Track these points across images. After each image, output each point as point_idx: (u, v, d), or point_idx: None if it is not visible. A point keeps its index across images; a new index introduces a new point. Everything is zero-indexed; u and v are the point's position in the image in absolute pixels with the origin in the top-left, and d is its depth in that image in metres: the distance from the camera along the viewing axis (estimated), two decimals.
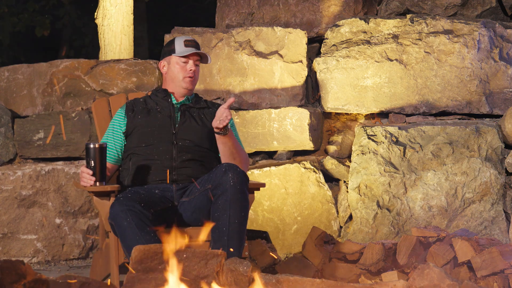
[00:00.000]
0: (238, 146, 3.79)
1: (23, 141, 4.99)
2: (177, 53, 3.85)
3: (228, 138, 3.71)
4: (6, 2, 9.55)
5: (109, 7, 6.07)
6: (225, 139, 3.71)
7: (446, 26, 5.00)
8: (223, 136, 3.70)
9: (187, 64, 3.86)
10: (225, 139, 3.71)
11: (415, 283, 2.71)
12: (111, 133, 3.86)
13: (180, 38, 3.90)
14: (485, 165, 4.72)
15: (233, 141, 3.75)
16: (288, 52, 5.02)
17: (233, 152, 3.75)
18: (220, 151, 3.77)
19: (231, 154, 3.74)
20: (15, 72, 5.14)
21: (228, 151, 3.74)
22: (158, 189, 3.69)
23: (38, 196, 4.83)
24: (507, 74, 4.97)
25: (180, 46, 3.86)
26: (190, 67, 3.85)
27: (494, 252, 3.59)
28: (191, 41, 3.89)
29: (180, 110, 3.86)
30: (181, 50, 3.85)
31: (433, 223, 4.69)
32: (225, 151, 3.75)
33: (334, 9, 5.35)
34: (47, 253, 4.82)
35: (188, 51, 3.84)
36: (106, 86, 5.08)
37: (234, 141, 3.75)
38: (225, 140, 3.71)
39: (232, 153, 3.75)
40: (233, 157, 3.74)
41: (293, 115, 4.93)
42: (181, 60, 3.85)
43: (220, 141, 3.73)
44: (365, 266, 4.00)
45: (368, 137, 4.80)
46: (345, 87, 5.02)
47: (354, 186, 4.79)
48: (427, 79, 4.98)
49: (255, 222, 4.84)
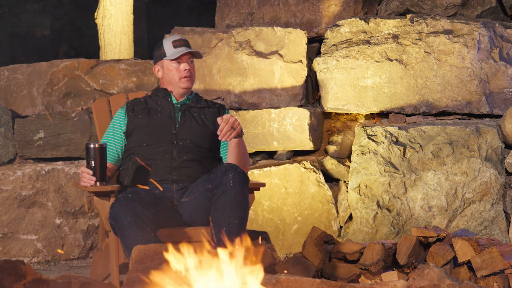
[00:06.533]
0: (246, 148, 3.79)
1: (23, 141, 4.99)
2: (168, 57, 3.82)
3: (242, 140, 3.71)
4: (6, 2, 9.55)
5: (109, 7, 6.07)
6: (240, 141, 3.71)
7: (446, 26, 5.00)
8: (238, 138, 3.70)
9: (181, 65, 3.83)
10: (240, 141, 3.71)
11: (415, 283, 2.70)
12: (112, 133, 3.86)
13: (168, 40, 3.86)
14: (485, 165, 4.72)
15: (244, 144, 3.76)
16: (288, 52, 5.02)
17: (241, 154, 3.73)
18: (231, 152, 3.75)
19: (238, 155, 3.72)
20: (15, 72, 5.14)
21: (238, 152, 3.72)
22: (158, 189, 3.69)
23: (38, 196, 4.83)
24: (507, 74, 4.97)
25: (169, 49, 3.83)
26: (184, 67, 3.83)
27: (494, 252, 3.59)
28: (179, 40, 3.85)
29: (180, 110, 3.85)
30: (171, 52, 3.82)
31: (433, 223, 4.69)
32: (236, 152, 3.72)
33: (334, 9, 5.35)
34: (47, 253, 4.82)
35: (178, 52, 3.81)
36: (106, 86, 5.08)
37: (244, 144, 3.76)
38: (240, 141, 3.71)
39: (240, 155, 3.73)
40: (239, 159, 3.72)
41: (293, 115, 4.93)
42: (173, 62, 3.83)
43: (234, 143, 3.71)
44: (365, 266, 4.00)
45: (368, 137, 4.80)
46: (345, 87, 5.02)
47: (354, 186, 4.79)
48: (427, 79, 4.98)
49: (255, 222, 4.84)
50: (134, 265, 2.59)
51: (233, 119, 3.58)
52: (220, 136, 3.57)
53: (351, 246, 4.12)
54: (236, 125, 3.58)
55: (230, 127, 3.57)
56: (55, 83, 5.09)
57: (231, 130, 3.57)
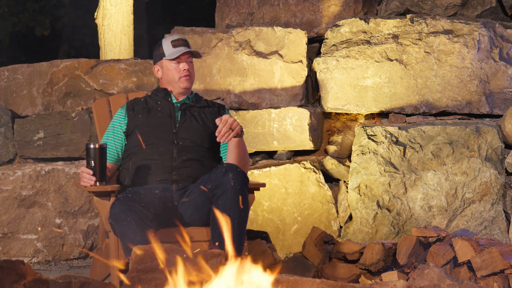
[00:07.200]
0: (246, 148, 3.78)
1: (23, 141, 4.99)
2: (167, 56, 3.83)
3: (242, 140, 3.70)
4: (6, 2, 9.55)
5: (109, 7, 6.07)
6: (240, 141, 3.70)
7: (446, 26, 5.00)
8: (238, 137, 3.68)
9: (180, 64, 3.84)
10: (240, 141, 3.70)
11: (415, 283, 2.70)
12: (112, 132, 3.86)
13: (167, 40, 3.88)
14: (485, 165, 4.72)
15: (244, 144, 3.75)
16: (288, 52, 5.02)
17: (241, 154, 3.73)
18: (230, 151, 3.74)
19: (238, 155, 3.71)
20: (15, 72, 5.14)
21: (238, 152, 3.71)
22: (158, 189, 3.69)
23: (38, 196, 4.83)
24: (507, 74, 4.97)
25: (168, 48, 3.84)
26: (184, 66, 3.84)
27: (494, 252, 3.59)
28: (178, 40, 3.86)
29: (180, 110, 3.85)
30: (170, 52, 3.83)
31: (433, 223, 4.69)
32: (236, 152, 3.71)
33: (334, 9, 5.35)
34: (47, 253, 4.82)
35: (177, 52, 3.82)
36: (106, 86, 5.08)
37: (244, 144, 3.75)
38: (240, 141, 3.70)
39: (240, 155, 3.72)
40: (239, 159, 3.72)
41: (293, 115, 4.93)
42: (172, 62, 3.84)
43: (234, 143, 3.70)
44: (365, 266, 4.00)
45: (368, 137, 4.80)
46: (345, 87, 5.02)
47: (354, 186, 4.79)
48: (427, 79, 4.98)
49: (255, 222, 4.84)
50: (134, 265, 2.59)
51: (231, 119, 3.57)
52: (218, 137, 3.56)
53: (351, 246, 4.12)
54: (235, 125, 3.58)
55: (228, 128, 3.56)
56: (55, 83, 5.09)
57: (229, 131, 3.57)
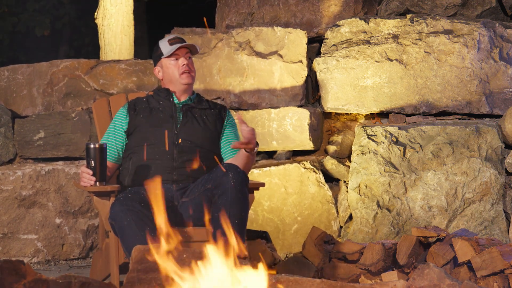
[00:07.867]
0: (252, 163, 3.80)
1: (23, 141, 4.99)
2: (165, 54, 3.86)
3: (254, 155, 3.72)
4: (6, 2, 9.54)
5: (109, 7, 6.06)
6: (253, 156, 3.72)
7: (446, 26, 5.00)
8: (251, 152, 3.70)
9: (179, 60, 3.86)
10: (253, 156, 3.71)
11: (415, 283, 2.71)
12: (113, 131, 3.86)
13: (164, 40, 3.92)
14: (485, 165, 4.72)
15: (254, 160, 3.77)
16: (288, 52, 5.02)
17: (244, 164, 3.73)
18: (237, 159, 3.75)
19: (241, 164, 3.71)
20: (15, 72, 5.14)
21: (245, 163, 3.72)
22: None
23: (38, 196, 4.83)
24: (507, 74, 4.97)
25: (165, 47, 3.88)
26: (182, 61, 3.86)
27: (494, 252, 3.59)
28: (174, 38, 3.90)
29: (182, 110, 3.85)
30: (167, 50, 3.86)
31: (433, 223, 4.69)
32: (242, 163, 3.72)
33: (334, 9, 5.35)
34: (47, 253, 4.82)
35: (174, 47, 3.86)
36: (106, 86, 5.08)
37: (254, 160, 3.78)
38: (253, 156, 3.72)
39: (243, 164, 3.72)
40: (242, 167, 3.71)
41: (293, 115, 4.93)
42: (171, 59, 3.86)
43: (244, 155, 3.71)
44: (365, 266, 4.00)
45: (368, 137, 4.80)
46: (345, 87, 5.02)
47: (354, 186, 4.79)
48: (427, 79, 4.98)
49: (255, 222, 4.84)
50: (134, 265, 2.59)
51: (254, 136, 3.62)
52: (235, 144, 3.62)
53: (351, 246, 4.12)
54: (254, 142, 3.62)
55: (247, 141, 3.59)
56: (55, 83, 5.09)
57: (249, 145, 3.60)
